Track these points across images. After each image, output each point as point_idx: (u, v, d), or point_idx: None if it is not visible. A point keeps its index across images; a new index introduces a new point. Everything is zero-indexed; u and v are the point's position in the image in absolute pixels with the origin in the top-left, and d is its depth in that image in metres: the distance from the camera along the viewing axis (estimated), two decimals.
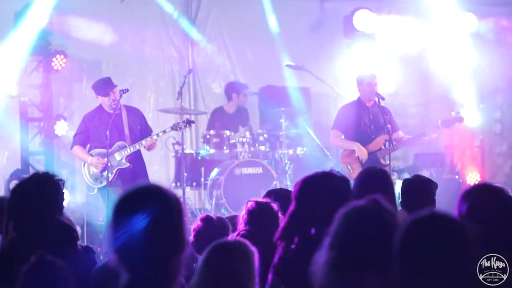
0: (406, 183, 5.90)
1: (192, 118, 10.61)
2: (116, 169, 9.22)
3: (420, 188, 5.74)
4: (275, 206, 4.83)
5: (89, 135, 9.35)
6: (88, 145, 9.37)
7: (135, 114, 9.52)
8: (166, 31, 12.27)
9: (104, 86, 9.29)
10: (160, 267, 2.72)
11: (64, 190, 4.62)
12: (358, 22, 12.20)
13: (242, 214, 4.92)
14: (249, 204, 4.86)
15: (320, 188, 3.91)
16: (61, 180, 4.58)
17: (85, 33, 11.36)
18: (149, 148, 9.34)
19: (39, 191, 4.44)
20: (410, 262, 2.78)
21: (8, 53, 10.59)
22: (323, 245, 2.85)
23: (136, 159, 9.35)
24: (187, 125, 9.47)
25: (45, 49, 11.05)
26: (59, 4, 10.71)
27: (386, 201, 2.90)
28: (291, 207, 4.05)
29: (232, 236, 4.81)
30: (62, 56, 11.00)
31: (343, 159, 9.85)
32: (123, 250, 2.71)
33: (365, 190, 4.96)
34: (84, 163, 9.38)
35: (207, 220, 5.39)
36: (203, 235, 5.18)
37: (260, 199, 4.95)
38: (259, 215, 4.78)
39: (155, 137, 9.25)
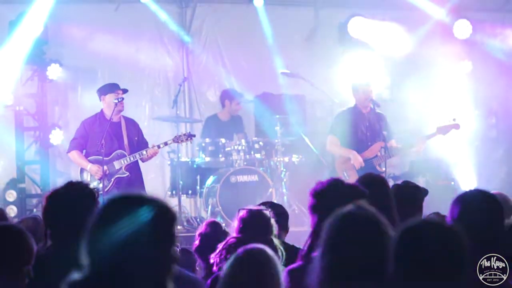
0: (395, 189, 5.86)
1: (188, 126, 10.58)
2: (114, 178, 9.24)
3: (408, 195, 5.71)
4: (267, 213, 4.74)
5: (88, 140, 9.37)
6: (84, 151, 9.38)
7: (133, 126, 9.63)
8: (161, 39, 12.27)
9: (111, 85, 9.54)
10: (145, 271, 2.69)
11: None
12: (353, 29, 12.21)
13: (234, 223, 4.85)
14: (241, 212, 4.79)
15: None
16: (95, 188, 4.58)
17: (79, 42, 11.39)
18: (149, 158, 9.38)
19: (77, 199, 4.40)
20: (404, 269, 2.78)
21: (3, 63, 10.59)
22: (315, 257, 2.82)
23: (134, 168, 9.41)
24: (189, 138, 9.62)
25: (40, 58, 11.05)
26: (54, 13, 10.72)
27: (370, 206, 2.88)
28: None
29: (219, 246, 4.74)
30: (57, 65, 11.01)
31: (339, 165, 9.86)
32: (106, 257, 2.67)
33: None
34: (81, 169, 9.39)
35: (213, 225, 5.37)
36: (209, 239, 5.18)
37: (252, 207, 4.88)
38: (251, 223, 4.70)
39: (159, 146, 9.33)
